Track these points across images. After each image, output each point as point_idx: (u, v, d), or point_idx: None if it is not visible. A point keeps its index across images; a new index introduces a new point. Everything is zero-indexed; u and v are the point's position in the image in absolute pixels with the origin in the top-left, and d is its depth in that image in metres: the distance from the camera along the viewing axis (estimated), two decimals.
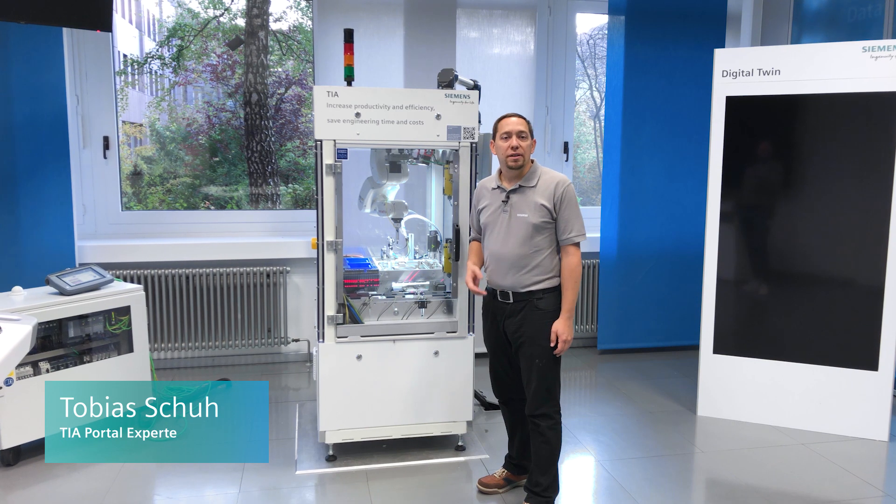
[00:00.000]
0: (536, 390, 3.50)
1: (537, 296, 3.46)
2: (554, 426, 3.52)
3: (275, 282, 5.82)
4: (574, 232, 3.42)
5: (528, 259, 3.46)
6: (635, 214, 6.19)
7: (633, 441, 4.56)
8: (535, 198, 3.44)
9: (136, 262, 5.55)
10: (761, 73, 4.66)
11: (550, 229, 3.45)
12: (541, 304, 3.46)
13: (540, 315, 3.46)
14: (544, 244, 3.45)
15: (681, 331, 6.32)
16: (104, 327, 4.41)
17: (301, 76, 6.76)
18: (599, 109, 7.52)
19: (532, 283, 3.46)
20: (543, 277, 3.46)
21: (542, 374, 3.49)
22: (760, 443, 4.54)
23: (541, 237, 3.44)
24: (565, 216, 3.42)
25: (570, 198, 3.43)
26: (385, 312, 4.14)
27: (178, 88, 6.72)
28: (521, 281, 3.48)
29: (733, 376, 4.86)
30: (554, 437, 3.52)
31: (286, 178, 6.73)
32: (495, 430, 4.59)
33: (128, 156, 6.47)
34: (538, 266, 3.45)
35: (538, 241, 3.44)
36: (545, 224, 3.43)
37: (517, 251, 3.47)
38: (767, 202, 4.82)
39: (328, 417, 4.08)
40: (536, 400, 3.51)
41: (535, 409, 3.52)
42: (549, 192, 3.43)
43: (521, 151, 3.46)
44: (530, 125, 3.54)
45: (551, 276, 3.47)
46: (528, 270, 3.46)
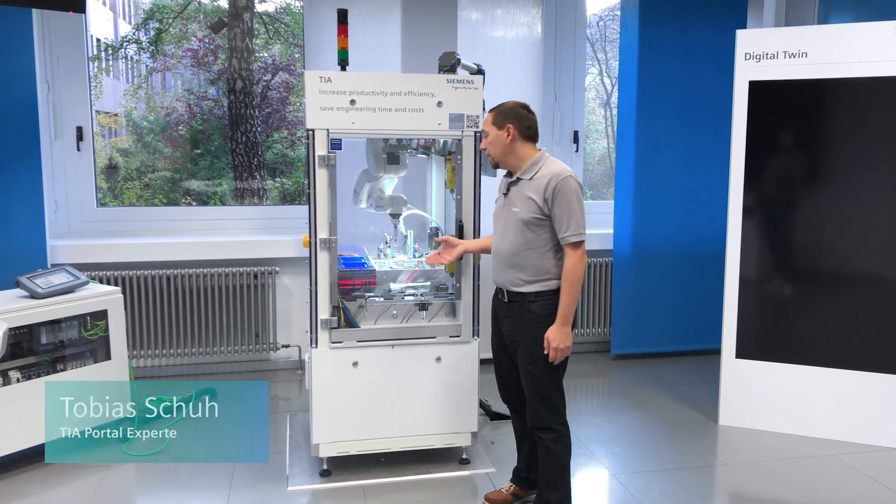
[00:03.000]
0: (533, 400, 3.51)
1: (530, 298, 3.45)
2: (558, 439, 3.51)
3: (263, 283, 5.82)
4: (569, 231, 3.34)
5: (518, 257, 3.46)
6: (651, 209, 6.20)
7: (649, 453, 4.57)
8: (528, 191, 3.43)
9: (112, 263, 5.55)
10: (787, 56, 4.67)
11: (545, 226, 3.41)
12: (533, 308, 3.45)
13: (533, 319, 3.45)
14: (538, 243, 3.43)
15: (700, 334, 6.32)
16: (79, 333, 4.42)
17: (289, 61, 6.77)
18: (611, 96, 7.55)
19: (524, 284, 3.46)
20: (537, 278, 3.44)
21: (537, 382, 3.49)
22: (787, 454, 4.55)
23: (533, 234, 3.42)
24: (558, 214, 3.36)
25: (565, 193, 3.33)
26: (383, 315, 4.14)
27: (156, 75, 6.73)
28: (512, 279, 3.49)
29: (757, 382, 4.87)
30: (560, 451, 3.52)
31: (273, 172, 6.74)
32: (502, 441, 4.60)
33: (103, 148, 6.48)
34: (531, 266, 3.44)
35: (530, 238, 3.43)
36: (537, 221, 3.40)
37: (509, 248, 3.48)
38: (793, 195, 4.83)
39: (322, 429, 4.09)
40: (535, 411, 3.52)
41: (536, 420, 3.53)
42: (542, 186, 3.38)
43: (489, 152, 3.53)
44: (497, 115, 3.51)
45: (547, 279, 3.44)
46: (519, 269, 3.46)
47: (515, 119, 3.48)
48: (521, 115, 3.50)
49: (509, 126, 3.47)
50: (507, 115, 3.49)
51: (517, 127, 3.47)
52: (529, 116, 3.52)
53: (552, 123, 6.43)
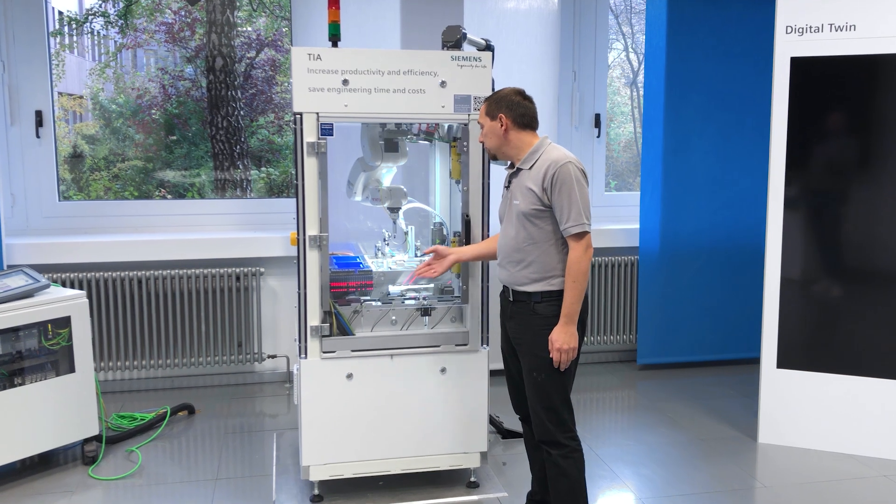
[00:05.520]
0: (539, 412, 3.54)
1: (536, 298, 3.50)
2: (568, 454, 3.53)
3: (246, 286, 5.84)
4: (570, 222, 3.37)
5: (521, 253, 3.51)
6: (681, 201, 6.20)
7: (680, 475, 4.58)
8: (527, 181, 3.48)
9: (77, 264, 5.56)
10: (833, 29, 4.66)
11: (546, 218, 3.45)
12: (539, 309, 3.49)
13: (538, 321, 3.49)
14: (541, 236, 3.47)
15: (737, 341, 6.34)
16: (39, 342, 4.42)
17: (275, 36, 6.78)
18: (637, 75, 7.53)
19: (529, 283, 3.50)
20: (543, 276, 3.48)
21: (543, 391, 3.51)
22: (835, 475, 4.55)
23: (535, 228, 3.47)
24: (558, 203, 3.39)
25: (565, 180, 3.36)
26: (381, 322, 4.15)
27: (125, 52, 6.75)
28: (516, 278, 3.54)
29: (801, 395, 4.87)
30: (571, 468, 3.53)
31: (258, 161, 6.76)
32: (515, 462, 4.61)
33: (66, 135, 6.50)
34: (534, 262, 3.48)
35: (533, 232, 3.47)
36: (538, 213, 3.44)
37: (511, 243, 3.54)
38: (842, 185, 4.83)
39: (313, 449, 4.09)
40: (542, 424, 3.55)
41: (543, 434, 3.56)
42: (540, 175, 3.43)
43: (487, 145, 3.63)
44: (487, 104, 3.60)
45: (554, 277, 3.48)
46: (522, 267, 3.51)
47: (508, 108, 3.54)
48: (514, 102, 3.55)
49: (501, 115, 3.53)
50: (499, 103, 3.56)
51: (510, 116, 3.53)
52: (524, 104, 3.57)
53: (571, 105, 6.43)
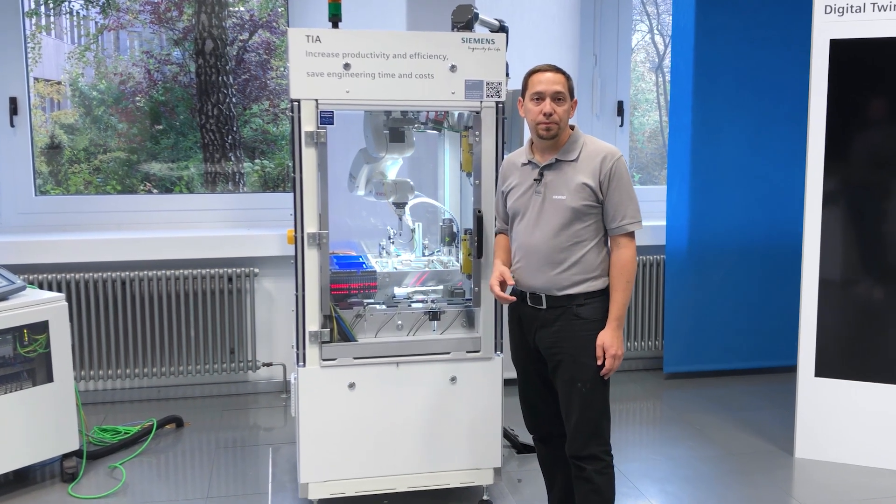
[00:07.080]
0: (579, 424, 3.51)
1: (578, 301, 3.48)
2: (604, 469, 3.52)
3: (239, 288, 5.84)
4: (627, 219, 3.44)
5: (565, 253, 3.47)
6: (711, 196, 6.19)
7: (710, 491, 4.58)
8: (576, 175, 3.45)
9: (55, 264, 5.56)
10: (876, 9, 4.65)
11: (595, 215, 3.47)
12: (583, 312, 3.48)
13: (582, 326, 3.47)
14: (587, 234, 3.47)
15: (772, 348, 6.32)
16: (13, 349, 4.42)
17: (270, 17, 6.78)
18: (663, 59, 7.53)
19: (571, 285, 3.47)
20: (586, 277, 3.47)
21: (586, 402, 3.49)
22: (878, 492, 4.54)
23: (582, 226, 3.46)
24: (615, 199, 3.43)
25: (622, 175, 3.44)
26: (385, 327, 4.14)
27: (107, 34, 6.75)
28: (556, 281, 3.49)
29: (841, 406, 4.85)
30: (605, 485, 3.53)
31: (252, 152, 6.76)
32: (531, 479, 4.60)
33: (42, 124, 6.51)
34: (579, 262, 3.47)
35: (579, 230, 3.46)
36: (588, 209, 3.44)
37: (552, 243, 3.49)
38: (885, 179, 4.82)
39: (311, 465, 4.09)
40: (580, 437, 3.53)
41: (580, 449, 3.53)
42: (595, 168, 3.43)
43: (557, 119, 3.47)
44: (570, 82, 3.54)
45: (596, 276, 3.48)
46: (565, 268, 3.48)
47: None
48: None
49: (574, 99, 3.58)
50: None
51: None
52: None
53: (591, 92, 6.43)
